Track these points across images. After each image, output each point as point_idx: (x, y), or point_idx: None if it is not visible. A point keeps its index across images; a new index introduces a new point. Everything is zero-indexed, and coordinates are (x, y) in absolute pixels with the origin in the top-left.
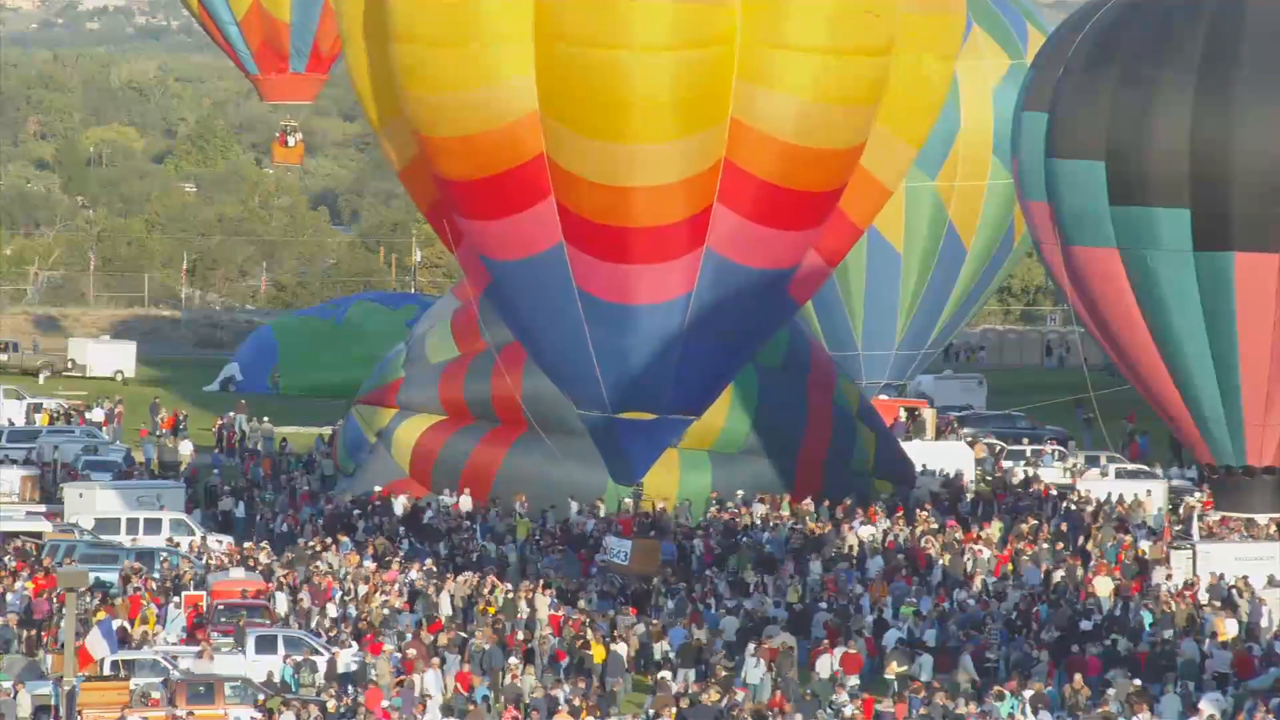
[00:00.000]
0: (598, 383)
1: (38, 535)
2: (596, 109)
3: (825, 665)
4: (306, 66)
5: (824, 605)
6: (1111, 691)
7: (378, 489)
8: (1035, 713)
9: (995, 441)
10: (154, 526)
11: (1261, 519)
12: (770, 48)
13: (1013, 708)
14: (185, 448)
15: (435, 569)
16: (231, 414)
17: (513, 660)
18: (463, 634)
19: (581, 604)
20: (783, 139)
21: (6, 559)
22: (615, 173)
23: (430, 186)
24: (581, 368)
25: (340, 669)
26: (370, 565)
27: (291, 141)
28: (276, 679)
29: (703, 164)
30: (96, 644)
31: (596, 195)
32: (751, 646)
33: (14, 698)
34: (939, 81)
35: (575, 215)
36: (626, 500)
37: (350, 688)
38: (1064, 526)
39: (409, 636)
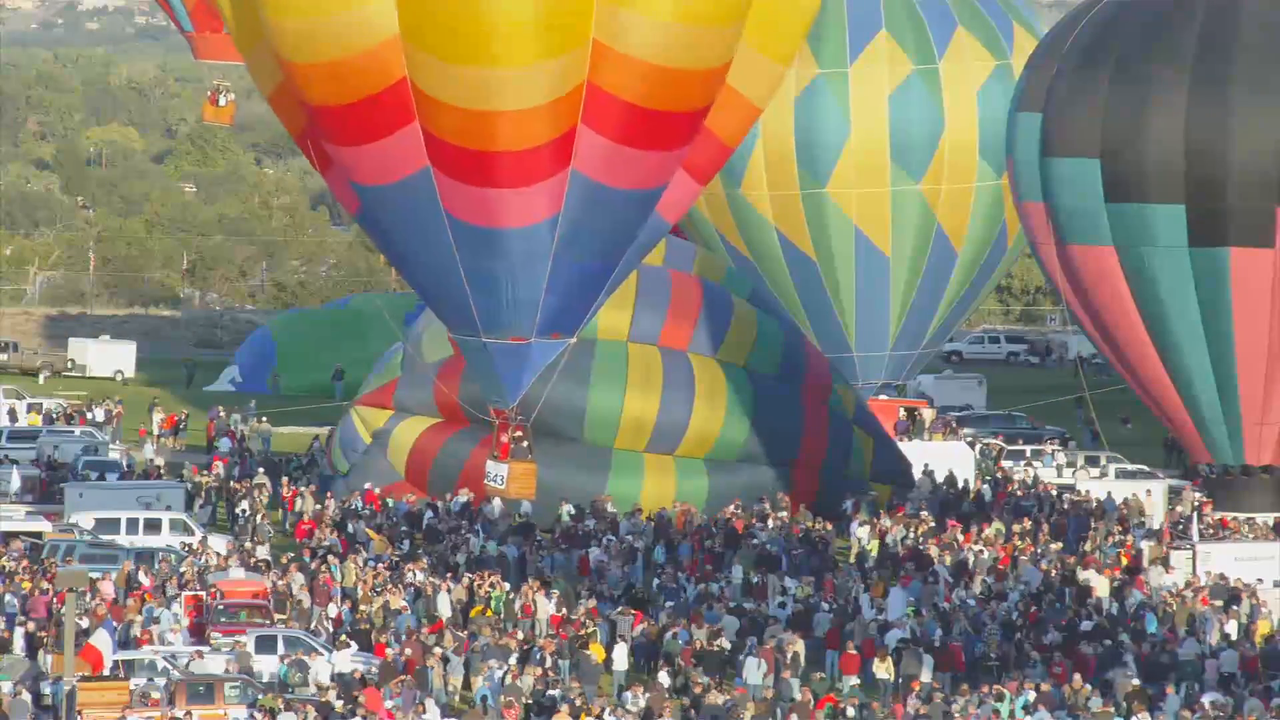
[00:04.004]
0: (469, 306)
1: (38, 535)
2: (456, 34)
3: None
4: None
5: (825, 606)
6: (1085, 684)
7: (368, 487)
8: (1034, 712)
9: (995, 441)
10: (154, 526)
11: (1260, 519)
12: None
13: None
14: (224, 445)
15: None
16: (220, 410)
17: (512, 660)
18: (461, 634)
19: (583, 605)
20: (645, 60)
21: (5, 560)
22: (477, 97)
23: (298, 112)
24: (452, 291)
25: (340, 669)
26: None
27: (223, 101)
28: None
29: (565, 87)
30: (103, 643)
31: (460, 120)
32: (752, 646)
33: (14, 697)
34: None
35: (440, 140)
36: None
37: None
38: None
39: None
